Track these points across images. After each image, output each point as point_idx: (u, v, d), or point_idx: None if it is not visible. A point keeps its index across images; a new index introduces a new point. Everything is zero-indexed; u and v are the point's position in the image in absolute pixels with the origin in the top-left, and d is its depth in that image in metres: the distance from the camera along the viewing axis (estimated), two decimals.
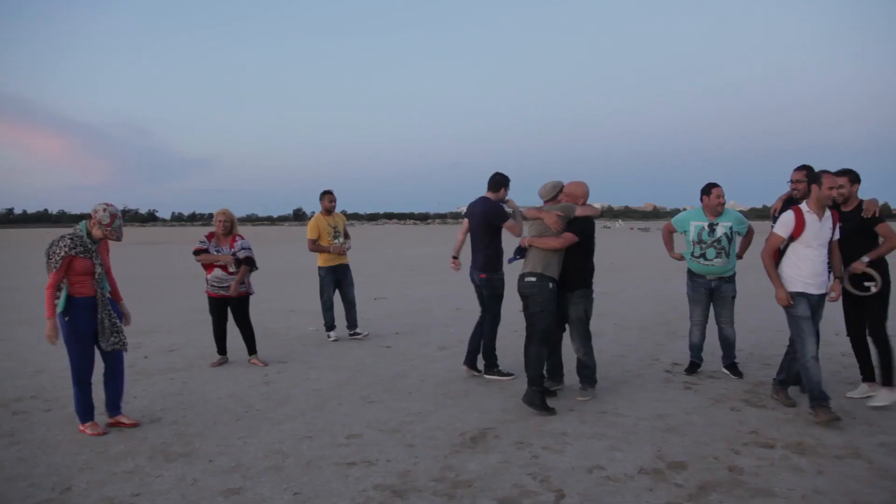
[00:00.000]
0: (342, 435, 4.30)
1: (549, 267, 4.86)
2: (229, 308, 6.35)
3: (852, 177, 4.89)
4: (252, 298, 6.50)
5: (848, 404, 4.84)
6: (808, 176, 4.81)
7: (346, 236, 7.65)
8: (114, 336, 4.49)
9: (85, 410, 4.46)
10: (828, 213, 4.56)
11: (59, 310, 4.32)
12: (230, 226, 6.27)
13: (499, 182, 5.73)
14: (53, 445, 4.16)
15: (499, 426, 4.44)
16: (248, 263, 6.22)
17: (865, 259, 4.79)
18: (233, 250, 6.18)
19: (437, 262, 21.41)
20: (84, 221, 4.48)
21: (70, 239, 4.34)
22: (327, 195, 7.52)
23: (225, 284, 6.16)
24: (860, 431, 4.25)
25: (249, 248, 6.29)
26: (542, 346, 4.87)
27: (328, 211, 7.51)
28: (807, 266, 4.54)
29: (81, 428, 4.43)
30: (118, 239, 4.49)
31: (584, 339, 5.12)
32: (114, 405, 4.58)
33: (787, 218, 4.57)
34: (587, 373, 5.16)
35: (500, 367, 5.84)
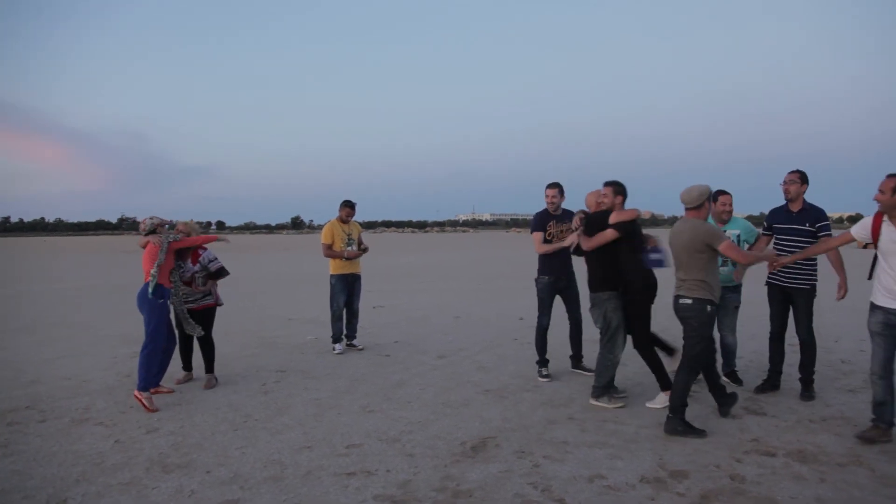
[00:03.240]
0: (341, 445, 4.27)
1: (702, 290, 4.53)
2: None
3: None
4: (251, 306, 6.48)
5: (849, 412, 4.82)
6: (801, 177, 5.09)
7: (360, 244, 7.54)
8: None
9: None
10: None
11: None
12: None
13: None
14: (48, 457, 4.12)
15: (499, 435, 4.41)
16: (220, 275, 5.95)
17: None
18: (194, 268, 5.79)
19: (435, 271, 21.40)
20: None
21: None
22: (346, 208, 7.42)
23: (190, 299, 5.81)
24: None
25: (216, 259, 5.97)
26: (690, 374, 4.55)
27: (344, 221, 7.45)
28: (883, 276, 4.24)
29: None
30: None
31: None
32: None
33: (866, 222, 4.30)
34: None
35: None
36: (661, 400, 5.00)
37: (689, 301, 4.55)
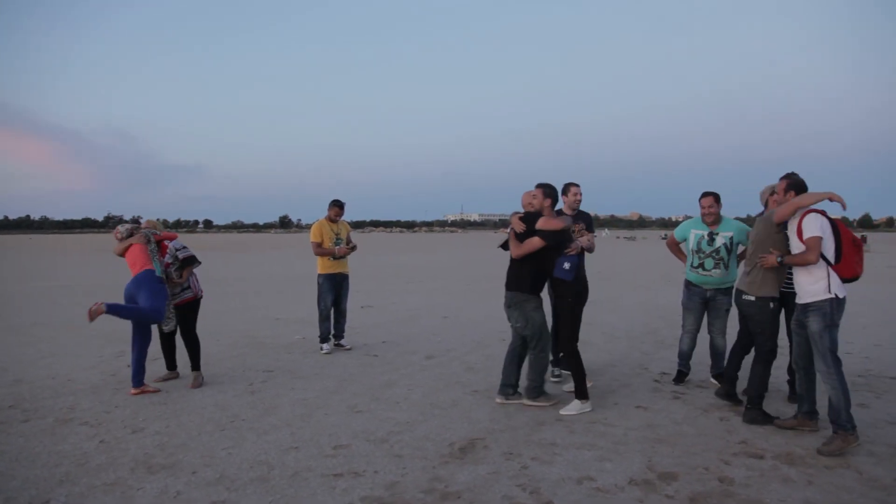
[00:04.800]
0: (329, 445, 4.24)
1: (765, 286, 4.68)
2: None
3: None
4: (239, 305, 6.41)
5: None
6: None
7: (349, 243, 7.51)
8: None
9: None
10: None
11: None
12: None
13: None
14: (31, 457, 4.05)
15: (488, 436, 4.40)
16: (190, 263, 5.89)
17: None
18: (165, 258, 5.77)
19: (424, 271, 21.37)
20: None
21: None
22: (335, 207, 7.40)
23: (173, 292, 5.82)
24: None
25: (185, 247, 5.94)
26: (765, 366, 4.71)
27: (333, 220, 7.42)
28: None
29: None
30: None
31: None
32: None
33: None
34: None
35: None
36: (576, 407, 4.93)
37: (752, 299, 4.72)
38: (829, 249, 4.26)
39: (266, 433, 4.49)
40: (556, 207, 5.63)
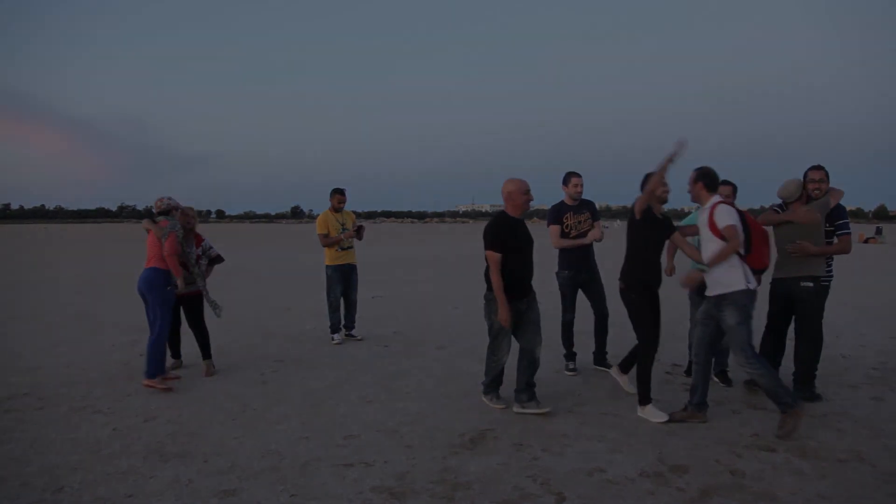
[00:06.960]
0: (339, 435, 4.25)
1: (817, 267, 4.94)
2: (182, 308, 6.00)
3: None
4: (248, 297, 6.42)
5: (850, 407, 4.80)
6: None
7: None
8: None
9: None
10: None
11: None
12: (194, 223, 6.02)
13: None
14: (46, 444, 4.10)
15: (498, 427, 4.39)
16: (219, 261, 6.23)
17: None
18: (196, 251, 5.92)
19: (435, 262, 21.36)
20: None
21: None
22: (337, 194, 7.36)
23: (188, 282, 5.80)
24: (863, 435, 4.21)
25: (213, 246, 6.21)
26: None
27: (336, 209, 7.42)
28: None
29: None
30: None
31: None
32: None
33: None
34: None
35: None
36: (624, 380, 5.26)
37: (811, 284, 4.89)
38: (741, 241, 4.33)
39: (277, 423, 4.51)
40: (559, 200, 5.82)
